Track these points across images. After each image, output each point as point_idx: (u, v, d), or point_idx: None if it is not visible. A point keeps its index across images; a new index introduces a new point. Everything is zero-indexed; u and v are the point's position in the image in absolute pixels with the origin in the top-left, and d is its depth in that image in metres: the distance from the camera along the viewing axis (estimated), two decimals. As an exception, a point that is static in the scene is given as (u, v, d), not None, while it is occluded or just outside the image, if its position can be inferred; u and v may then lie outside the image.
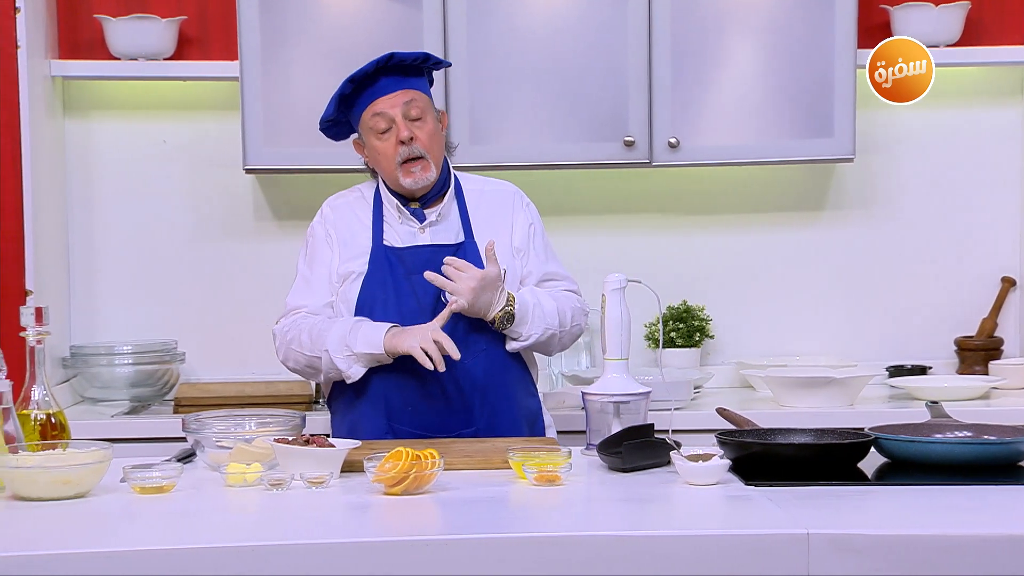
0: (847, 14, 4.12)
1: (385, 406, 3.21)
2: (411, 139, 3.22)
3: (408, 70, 3.27)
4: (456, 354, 3.08)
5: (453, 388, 3.21)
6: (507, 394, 3.27)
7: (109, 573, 2.16)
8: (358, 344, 3.16)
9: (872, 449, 2.78)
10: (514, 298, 3.21)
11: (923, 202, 4.53)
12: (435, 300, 3.21)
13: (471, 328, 3.22)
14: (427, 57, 3.30)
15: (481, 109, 4.11)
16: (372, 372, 3.20)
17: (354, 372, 3.19)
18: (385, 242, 3.29)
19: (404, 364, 3.17)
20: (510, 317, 3.20)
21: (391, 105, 3.23)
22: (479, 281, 3.13)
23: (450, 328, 3.18)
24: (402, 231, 3.30)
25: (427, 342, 3.07)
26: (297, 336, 3.25)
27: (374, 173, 3.36)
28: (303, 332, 3.24)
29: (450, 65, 3.44)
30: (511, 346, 3.27)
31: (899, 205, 4.54)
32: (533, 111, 4.14)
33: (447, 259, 3.16)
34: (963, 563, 2.21)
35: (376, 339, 3.14)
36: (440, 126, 3.33)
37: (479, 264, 3.23)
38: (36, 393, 2.82)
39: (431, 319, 3.18)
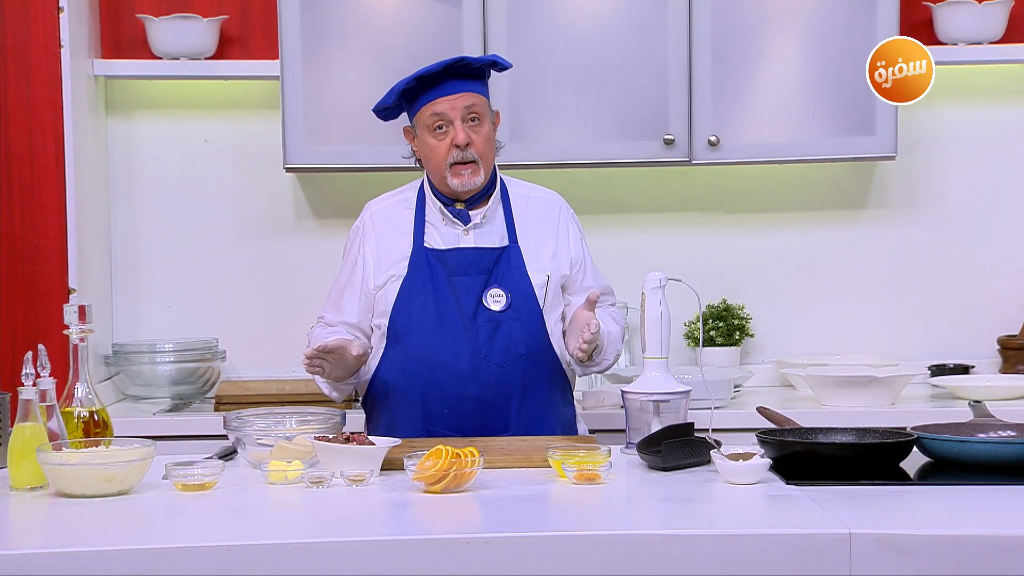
0: (889, 11, 4.09)
1: (422, 408, 3.21)
2: (467, 144, 3.22)
3: (472, 72, 3.26)
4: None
5: (490, 392, 3.20)
6: (544, 400, 3.27)
7: (151, 569, 2.17)
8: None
9: (914, 449, 2.76)
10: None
11: (966, 200, 4.50)
12: (476, 303, 3.21)
13: (511, 333, 3.22)
14: (494, 62, 3.29)
15: (521, 108, 4.11)
16: (410, 372, 3.21)
17: (335, 397, 3.29)
18: (426, 244, 3.28)
19: (443, 365, 3.19)
20: (597, 349, 3.21)
21: (451, 107, 3.22)
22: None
23: (489, 333, 3.18)
24: (445, 233, 3.29)
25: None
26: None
27: (420, 164, 3.36)
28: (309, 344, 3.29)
29: (511, 67, 3.41)
30: (587, 370, 3.30)
31: (941, 203, 4.50)
32: (573, 110, 4.14)
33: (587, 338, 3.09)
34: (1007, 563, 2.20)
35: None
36: (494, 127, 3.32)
37: (521, 268, 3.24)
38: (79, 391, 2.84)
39: (471, 322, 3.18)
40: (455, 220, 3.29)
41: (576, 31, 4.12)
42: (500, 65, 3.31)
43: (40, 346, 2.73)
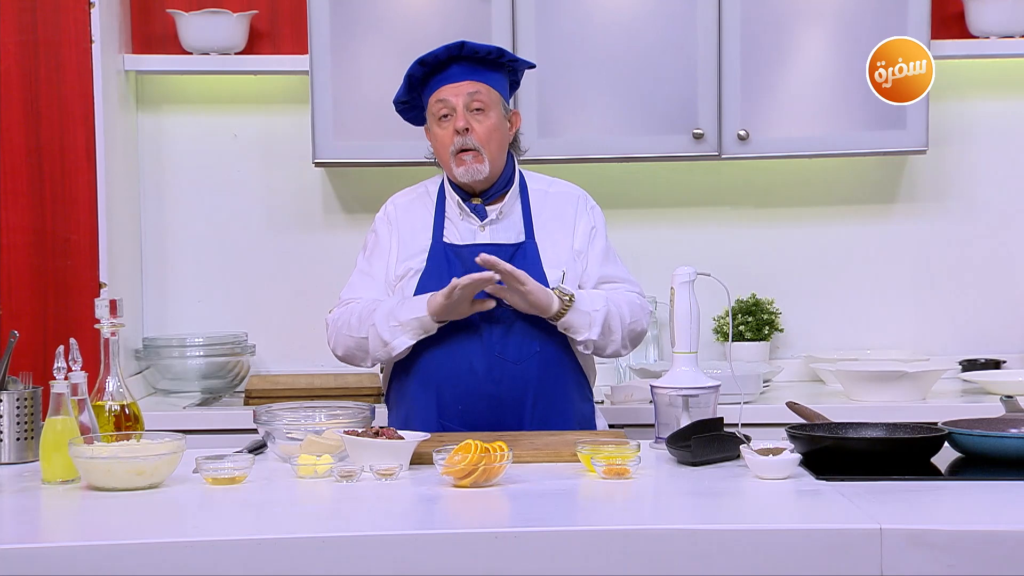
0: (920, 4, 4.07)
1: (437, 403, 3.21)
2: (466, 130, 3.21)
3: (483, 63, 3.25)
4: (494, 276, 3.07)
5: (505, 388, 3.19)
6: (560, 396, 3.25)
7: (182, 562, 2.18)
8: (403, 313, 3.15)
9: (945, 444, 2.75)
10: (564, 291, 3.18)
11: (997, 194, 4.48)
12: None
13: (525, 330, 3.20)
14: (501, 53, 3.27)
15: (550, 102, 4.11)
16: (425, 368, 3.21)
17: (399, 343, 3.17)
18: (445, 239, 3.28)
19: (457, 362, 3.18)
20: (569, 298, 3.15)
21: (455, 94, 3.22)
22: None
23: (504, 330, 3.18)
24: (463, 228, 3.29)
25: (467, 299, 3.08)
26: (347, 320, 3.26)
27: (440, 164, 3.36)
28: (353, 315, 3.25)
29: (533, 66, 3.41)
30: (581, 336, 3.18)
31: (972, 197, 4.48)
32: (602, 104, 4.13)
33: (484, 258, 3.08)
34: (1039, 560, 2.19)
35: (419, 305, 3.13)
36: (509, 125, 3.30)
37: (538, 264, 3.23)
38: (110, 384, 2.86)
39: (486, 319, 3.17)
40: (472, 215, 3.28)
41: (605, 25, 4.11)
42: (511, 58, 3.30)
43: (72, 340, 2.75)
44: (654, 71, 4.11)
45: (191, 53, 4.29)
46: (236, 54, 4.30)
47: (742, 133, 4.11)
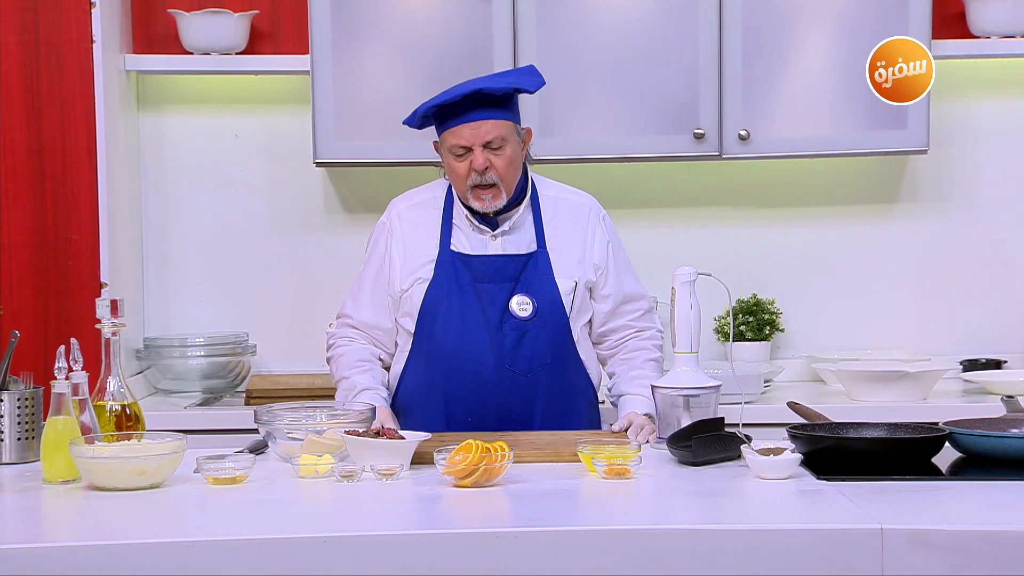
0: (921, 4, 4.07)
1: (445, 415, 3.21)
2: (485, 169, 3.17)
3: (495, 97, 3.18)
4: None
5: (513, 401, 3.20)
6: (568, 407, 3.26)
7: (183, 562, 2.18)
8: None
9: (946, 444, 2.75)
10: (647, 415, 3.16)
11: (998, 194, 4.47)
12: (502, 311, 3.19)
13: (536, 341, 3.21)
14: (515, 90, 3.22)
15: (551, 102, 4.11)
16: (434, 378, 3.22)
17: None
18: (453, 247, 3.26)
19: (466, 373, 3.19)
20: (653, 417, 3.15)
21: (471, 134, 3.15)
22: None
23: (515, 341, 3.18)
24: (472, 237, 3.26)
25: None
26: (329, 356, 3.36)
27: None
28: (332, 359, 3.34)
29: (541, 85, 3.31)
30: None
31: (974, 197, 4.48)
32: (603, 104, 4.13)
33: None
34: (1040, 560, 2.19)
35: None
36: (522, 146, 3.26)
37: (549, 275, 3.23)
38: (111, 384, 2.86)
39: (496, 330, 3.18)
40: (482, 225, 3.27)
41: (606, 25, 4.11)
42: (525, 90, 3.23)
43: (72, 340, 2.75)
44: (655, 71, 4.11)
45: (192, 53, 4.29)
46: (237, 54, 4.30)
47: (743, 133, 4.11)
